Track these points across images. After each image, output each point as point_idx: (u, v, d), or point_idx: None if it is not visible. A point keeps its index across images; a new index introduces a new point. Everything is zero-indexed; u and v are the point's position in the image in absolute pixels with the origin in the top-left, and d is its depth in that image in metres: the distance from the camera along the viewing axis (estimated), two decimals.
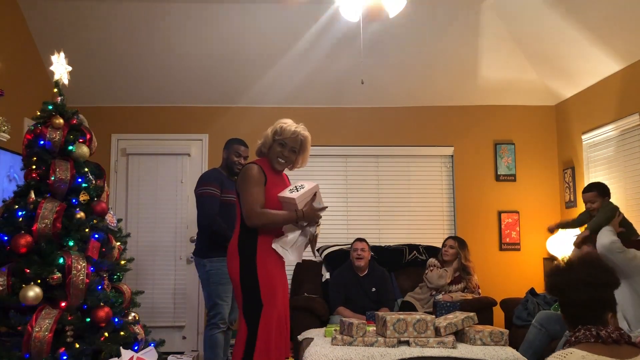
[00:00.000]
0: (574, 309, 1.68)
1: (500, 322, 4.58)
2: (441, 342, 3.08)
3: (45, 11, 4.52)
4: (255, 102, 5.39)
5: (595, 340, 1.58)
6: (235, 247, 2.75)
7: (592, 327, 1.61)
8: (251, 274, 2.69)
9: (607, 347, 1.56)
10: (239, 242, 2.75)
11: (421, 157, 5.47)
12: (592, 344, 1.58)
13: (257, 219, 2.70)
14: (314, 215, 2.78)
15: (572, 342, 1.62)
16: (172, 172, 5.37)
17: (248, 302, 2.69)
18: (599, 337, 1.58)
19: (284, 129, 2.86)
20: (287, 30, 4.67)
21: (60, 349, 2.45)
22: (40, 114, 2.86)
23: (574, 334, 1.64)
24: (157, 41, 4.80)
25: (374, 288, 4.45)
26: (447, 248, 4.61)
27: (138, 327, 2.96)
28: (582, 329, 1.62)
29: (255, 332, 2.65)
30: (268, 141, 2.88)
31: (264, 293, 2.69)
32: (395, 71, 5.08)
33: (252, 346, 2.63)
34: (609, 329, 1.61)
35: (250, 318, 2.68)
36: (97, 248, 2.76)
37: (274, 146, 2.86)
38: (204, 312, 5.17)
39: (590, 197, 3.75)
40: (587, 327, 1.62)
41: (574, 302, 1.67)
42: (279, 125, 2.88)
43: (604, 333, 1.58)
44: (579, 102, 5.04)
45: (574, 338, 1.62)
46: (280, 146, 2.85)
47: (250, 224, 2.71)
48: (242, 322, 2.72)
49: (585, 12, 4.03)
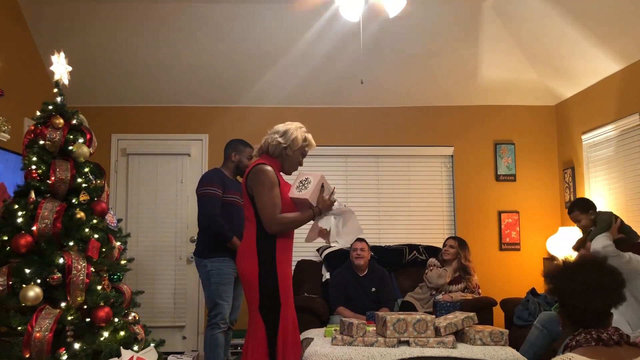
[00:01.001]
0: (583, 315, 1.62)
1: (500, 322, 4.57)
2: (441, 342, 3.08)
3: (45, 11, 4.52)
4: (255, 102, 5.39)
5: (596, 344, 1.55)
6: (254, 247, 2.73)
7: (592, 330, 1.58)
8: (271, 274, 2.70)
9: (608, 350, 1.54)
10: (258, 242, 2.73)
11: (421, 157, 5.47)
12: (592, 347, 1.55)
13: (278, 226, 2.71)
14: (328, 205, 2.82)
15: (573, 346, 1.58)
16: (172, 172, 5.37)
17: (266, 302, 2.69)
18: (600, 339, 1.55)
19: (310, 141, 2.93)
20: (287, 30, 4.68)
21: (60, 349, 2.44)
22: (40, 114, 2.86)
23: (573, 338, 1.60)
24: (157, 41, 4.80)
25: (374, 288, 4.45)
26: (448, 248, 4.61)
27: (138, 327, 2.96)
28: (583, 332, 1.59)
29: (275, 331, 2.67)
30: (295, 146, 2.86)
31: (282, 293, 2.71)
32: (395, 71, 5.07)
33: (274, 344, 2.66)
34: (610, 330, 1.58)
35: (269, 317, 2.69)
36: (97, 248, 2.76)
37: (294, 154, 2.88)
38: (204, 312, 5.17)
39: (575, 217, 3.72)
40: (587, 331, 1.59)
41: (587, 309, 1.61)
42: (306, 134, 2.92)
43: (605, 335, 1.56)
44: (579, 102, 5.04)
45: (575, 342, 1.59)
46: (302, 155, 2.93)
47: (271, 231, 2.70)
48: (257, 321, 2.70)
49: (585, 12, 4.03)
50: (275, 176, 2.78)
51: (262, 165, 2.78)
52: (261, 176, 2.74)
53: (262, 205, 2.70)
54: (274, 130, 2.91)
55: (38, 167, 2.75)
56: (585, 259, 1.71)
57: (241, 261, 2.78)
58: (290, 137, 2.85)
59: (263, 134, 2.96)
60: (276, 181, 2.76)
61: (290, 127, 2.89)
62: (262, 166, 2.77)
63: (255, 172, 2.76)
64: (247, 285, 2.74)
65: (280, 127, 2.90)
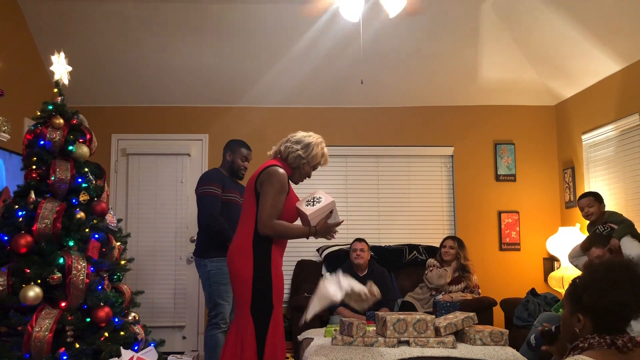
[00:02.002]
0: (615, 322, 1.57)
1: (500, 322, 4.58)
2: (441, 342, 3.08)
3: (45, 11, 4.52)
4: (255, 102, 5.39)
5: (608, 347, 1.53)
6: (250, 246, 2.70)
7: (606, 335, 1.55)
8: (265, 275, 2.69)
9: (619, 355, 1.53)
10: (254, 242, 2.70)
11: (421, 157, 5.47)
12: (604, 351, 1.53)
13: (270, 230, 2.68)
14: (328, 231, 2.81)
15: (585, 347, 1.56)
16: (172, 172, 5.37)
17: (258, 302, 2.68)
18: (614, 344, 1.54)
19: (327, 158, 2.93)
20: (287, 30, 4.68)
21: (60, 349, 2.45)
22: (40, 114, 2.86)
23: (585, 339, 1.57)
24: (157, 41, 4.80)
25: None
26: (448, 249, 4.60)
27: (138, 327, 2.96)
28: (597, 335, 1.56)
29: (265, 332, 2.66)
30: (313, 162, 2.87)
31: (275, 295, 2.70)
32: (395, 71, 5.07)
33: (262, 345, 2.65)
34: (625, 337, 1.56)
35: (259, 318, 2.67)
36: (97, 248, 2.76)
37: (305, 166, 2.87)
38: (204, 312, 5.17)
39: (589, 203, 3.74)
40: (601, 335, 1.56)
41: (622, 317, 1.57)
42: (324, 150, 2.92)
43: (620, 342, 1.54)
44: (579, 102, 5.04)
45: (587, 344, 1.56)
46: (313, 168, 2.92)
47: (262, 232, 2.68)
48: (246, 321, 2.68)
49: (585, 12, 4.03)
50: (287, 183, 2.77)
51: (278, 168, 2.75)
52: (275, 177, 2.71)
53: (264, 205, 2.69)
54: (296, 139, 2.87)
55: (38, 167, 2.75)
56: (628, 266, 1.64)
57: (235, 260, 2.73)
58: (311, 152, 2.85)
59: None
60: (287, 187, 2.75)
61: (312, 142, 2.86)
62: (278, 168, 2.75)
63: (270, 172, 2.73)
64: (240, 284, 2.70)
65: (303, 138, 2.87)
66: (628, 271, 1.61)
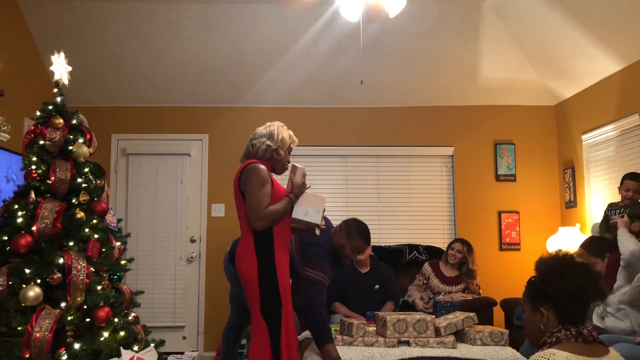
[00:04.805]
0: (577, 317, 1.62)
1: (500, 322, 4.57)
2: (441, 342, 3.08)
3: (45, 11, 4.52)
4: (255, 102, 5.39)
5: (575, 339, 1.57)
6: (252, 247, 2.73)
7: (571, 327, 1.59)
8: (271, 274, 2.70)
9: (587, 346, 1.56)
10: (255, 241, 2.73)
11: (421, 157, 5.47)
12: (573, 343, 1.56)
13: (261, 221, 2.71)
14: (300, 186, 2.84)
15: (553, 342, 1.59)
16: (172, 172, 5.37)
17: (268, 302, 2.70)
18: (580, 335, 1.57)
19: (294, 137, 2.97)
20: (287, 30, 4.67)
21: (60, 349, 2.44)
22: (40, 114, 2.86)
23: (552, 334, 1.60)
24: (157, 41, 4.80)
25: (378, 285, 4.37)
26: (455, 252, 4.51)
27: (138, 327, 2.96)
28: (562, 328, 1.60)
29: (278, 330, 2.68)
30: (284, 145, 2.90)
31: (282, 292, 2.71)
32: (395, 71, 5.07)
33: (277, 344, 2.67)
34: (589, 327, 1.60)
35: (271, 317, 2.69)
36: (97, 248, 2.76)
37: (277, 154, 2.89)
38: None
39: (636, 187, 3.68)
40: (566, 327, 1.60)
41: (575, 285, 1.61)
42: (289, 132, 2.96)
43: (585, 332, 1.58)
44: (579, 102, 5.04)
45: (555, 338, 1.59)
46: (289, 153, 2.96)
47: (256, 226, 2.71)
48: (259, 323, 2.70)
49: (585, 12, 4.03)
50: (268, 175, 2.80)
51: (255, 164, 2.80)
52: (254, 172, 2.75)
53: (251, 202, 2.72)
54: (258, 134, 2.93)
55: (38, 167, 2.75)
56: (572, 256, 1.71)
57: (240, 262, 2.77)
58: (277, 137, 2.89)
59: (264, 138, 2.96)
60: (268, 179, 2.78)
61: (273, 128, 2.92)
62: (255, 164, 2.79)
63: (248, 170, 2.78)
64: (248, 286, 2.74)
65: (265, 130, 2.93)
66: (574, 259, 1.70)
